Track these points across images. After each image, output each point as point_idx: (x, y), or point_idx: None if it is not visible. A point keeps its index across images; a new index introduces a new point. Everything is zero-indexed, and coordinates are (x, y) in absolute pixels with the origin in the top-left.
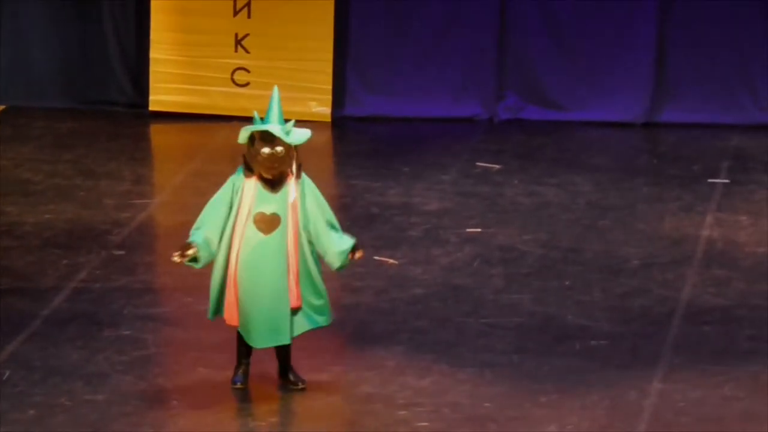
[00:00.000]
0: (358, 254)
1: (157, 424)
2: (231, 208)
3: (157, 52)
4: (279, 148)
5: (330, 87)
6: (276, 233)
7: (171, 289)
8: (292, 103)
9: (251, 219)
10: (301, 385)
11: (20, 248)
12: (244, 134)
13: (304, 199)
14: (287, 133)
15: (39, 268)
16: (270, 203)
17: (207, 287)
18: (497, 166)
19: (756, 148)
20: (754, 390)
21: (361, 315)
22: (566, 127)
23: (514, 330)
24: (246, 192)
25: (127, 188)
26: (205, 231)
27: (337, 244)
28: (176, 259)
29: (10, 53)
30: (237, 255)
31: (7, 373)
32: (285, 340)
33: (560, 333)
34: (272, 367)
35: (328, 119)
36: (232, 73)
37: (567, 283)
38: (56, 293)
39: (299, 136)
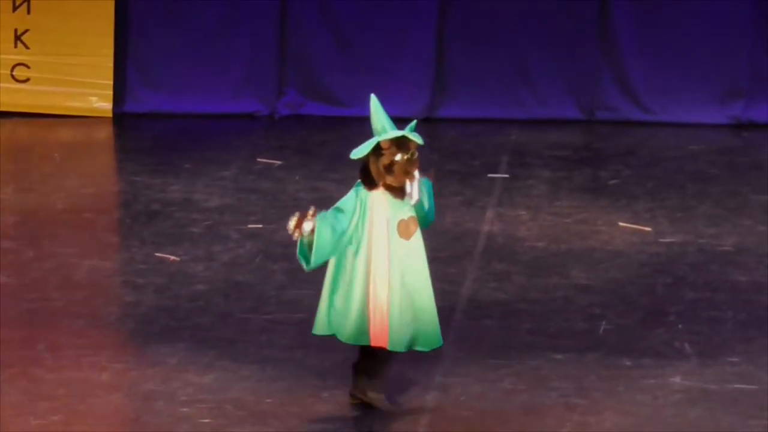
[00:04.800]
0: None
1: None
2: (354, 219)
3: None
4: (413, 152)
5: (111, 83)
6: (415, 236)
7: None
8: (73, 98)
9: (394, 229)
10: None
11: None
12: (365, 147)
13: (423, 197)
14: (412, 133)
15: None
16: (403, 208)
17: None
18: (278, 162)
19: (535, 143)
20: (534, 383)
21: (143, 312)
22: (347, 122)
23: (297, 326)
24: (377, 205)
25: None
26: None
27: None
28: (291, 225)
29: None
30: (387, 271)
31: None
32: (439, 343)
33: None
34: (43, 366)
35: (110, 115)
36: (12, 69)
37: None
38: None
39: (418, 135)
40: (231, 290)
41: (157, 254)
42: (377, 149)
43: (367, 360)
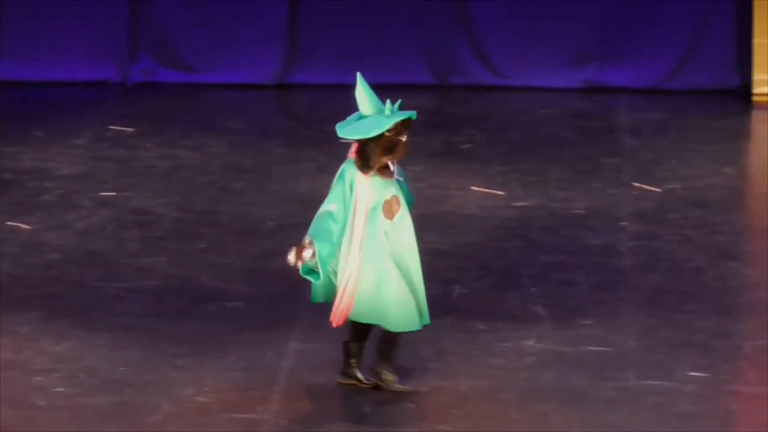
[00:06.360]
0: None
1: None
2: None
3: None
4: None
5: None
6: (398, 215)
7: None
8: None
9: (380, 211)
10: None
11: None
12: (376, 128)
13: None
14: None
15: None
16: (387, 188)
17: None
18: (131, 129)
19: None
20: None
21: None
22: (200, 89)
23: (151, 293)
24: (361, 188)
25: None
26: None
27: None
28: (291, 259)
29: None
30: (376, 254)
31: None
32: (427, 320)
33: (196, 295)
34: None
35: None
36: None
37: (202, 245)
38: None
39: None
40: (84, 258)
41: (9, 223)
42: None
43: (382, 343)
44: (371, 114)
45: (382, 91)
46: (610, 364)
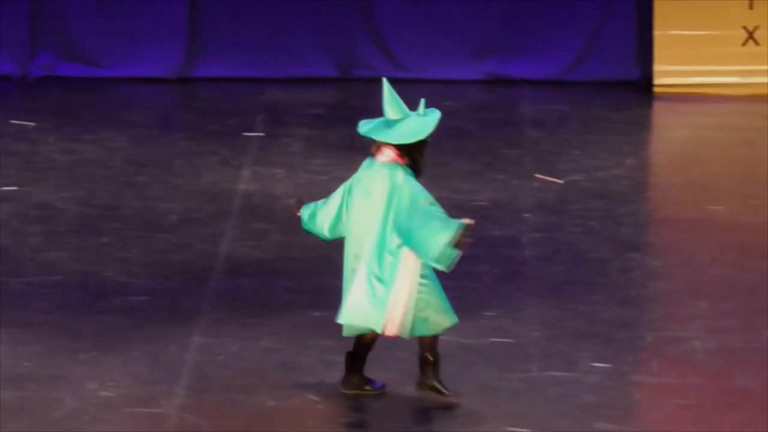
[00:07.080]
0: None
1: None
2: None
3: None
4: None
5: None
6: None
7: None
8: None
9: None
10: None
11: None
12: (425, 128)
13: None
14: None
15: None
16: None
17: None
18: (32, 124)
19: (289, 102)
20: (292, 341)
21: None
22: (102, 83)
23: (54, 288)
24: None
25: None
26: None
27: None
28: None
29: None
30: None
31: None
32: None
33: (100, 290)
34: None
35: None
36: None
37: (105, 240)
38: None
39: None
40: None
41: None
42: None
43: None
44: (401, 117)
45: (285, 84)
46: (514, 355)
